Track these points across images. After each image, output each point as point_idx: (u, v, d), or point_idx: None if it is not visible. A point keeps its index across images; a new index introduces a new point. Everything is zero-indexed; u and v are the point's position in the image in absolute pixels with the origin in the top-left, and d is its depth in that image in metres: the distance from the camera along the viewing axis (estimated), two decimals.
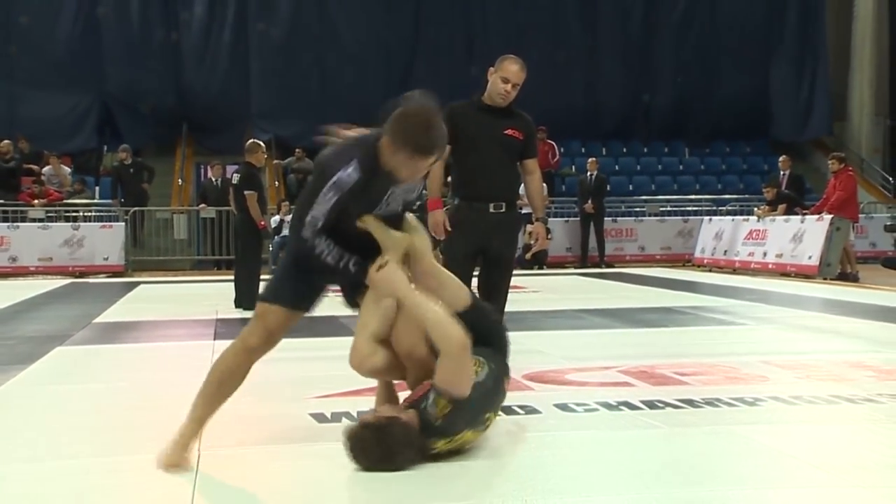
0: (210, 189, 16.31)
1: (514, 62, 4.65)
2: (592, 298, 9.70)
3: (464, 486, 2.93)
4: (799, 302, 9.24)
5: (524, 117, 4.78)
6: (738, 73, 20.51)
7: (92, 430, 3.78)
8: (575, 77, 20.17)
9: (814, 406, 4.09)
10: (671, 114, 20.56)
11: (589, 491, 2.86)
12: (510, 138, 4.64)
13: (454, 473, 3.05)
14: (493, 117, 4.63)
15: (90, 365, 5.62)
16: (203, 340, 6.56)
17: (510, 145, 4.65)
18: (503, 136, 4.62)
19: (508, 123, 4.65)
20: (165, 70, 18.87)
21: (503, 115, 4.65)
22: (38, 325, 7.73)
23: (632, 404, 4.10)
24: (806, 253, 12.59)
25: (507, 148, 4.65)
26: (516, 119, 4.70)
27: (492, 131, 4.62)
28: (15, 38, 18.39)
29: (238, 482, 3.00)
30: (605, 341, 6.43)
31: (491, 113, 4.64)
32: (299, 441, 3.53)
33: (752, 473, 3.03)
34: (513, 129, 4.65)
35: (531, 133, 4.76)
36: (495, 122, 4.62)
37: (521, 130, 4.68)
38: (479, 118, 4.64)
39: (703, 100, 20.53)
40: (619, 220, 16.76)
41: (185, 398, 4.35)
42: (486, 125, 4.62)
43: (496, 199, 4.63)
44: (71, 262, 14.71)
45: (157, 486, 2.94)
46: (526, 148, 4.72)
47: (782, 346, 6.06)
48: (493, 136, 4.61)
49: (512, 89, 4.61)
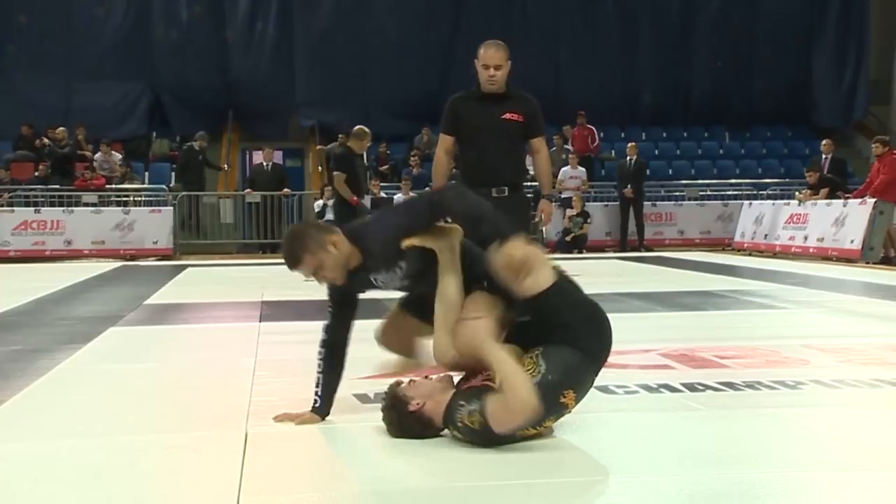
0: (260, 173, 16.48)
1: (489, 46, 4.64)
2: (632, 282, 9.63)
3: (501, 467, 2.93)
4: (841, 286, 9.09)
5: (523, 98, 4.74)
6: (778, 58, 20.17)
7: (144, 407, 3.84)
8: (614, 63, 19.98)
9: (856, 389, 4.02)
10: (711, 98, 20.29)
11: (628, 471, 2.85)
12: (509, 122, 4.63)
13: (491, 456, 3.05)
14: (491, 104, 4.63)
15: (142, 345, 5.71)
16: (249, 322, 6.63)
17: (510, 129, 4.64)
18: (501, 121, 4.62)
19: (506, 108, 4.63)
20: (212, 60, 19.06)
21: (500, 100, 4.64)
22: (92, 307, 7.88)
23: (672, 387, 4.07)
24: (848, 237, 12.37)
25: (507, 132, 4.64)
26: (514, 102, 4.67)
27: (490, 118, 4.62)
28: (72, 31, 18.68)
29: (284, 460, 3.03)
30: (645, 324, 6.38)
31: (488, 100, 4.64)
32: (343, 420, 3.55)
33: (794, 456, 2.99)
34: (511, 113, 4.63)
35: (533, 113, 4.71)
36: (493, 109, 4.62)
37: (520, 112, 4.65)
38: (478, 107, 4.66)
39: (743, 84, 20.22)
40: (659, 205, 16.61)
41: (232, 378, 4.43)
42: (483, 113, 4.63)
43: (498, 184, 4.64)
44: (122, 246, 14.96)
45: (207, 463, 2.98)
46: (529, 128, 4.69)
47: (824, 330, 5.97)
48: (491, 122, 4.62)
49: (496, 72, 4.57)
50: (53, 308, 7.80)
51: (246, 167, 19.41)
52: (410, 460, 3.00)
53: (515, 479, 2.80)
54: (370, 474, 2.90)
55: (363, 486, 2.77)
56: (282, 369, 4.65)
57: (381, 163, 18.13)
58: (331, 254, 3.17)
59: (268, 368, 4.64)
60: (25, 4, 18.79)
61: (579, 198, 15.76)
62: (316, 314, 7.25)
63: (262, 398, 3.94)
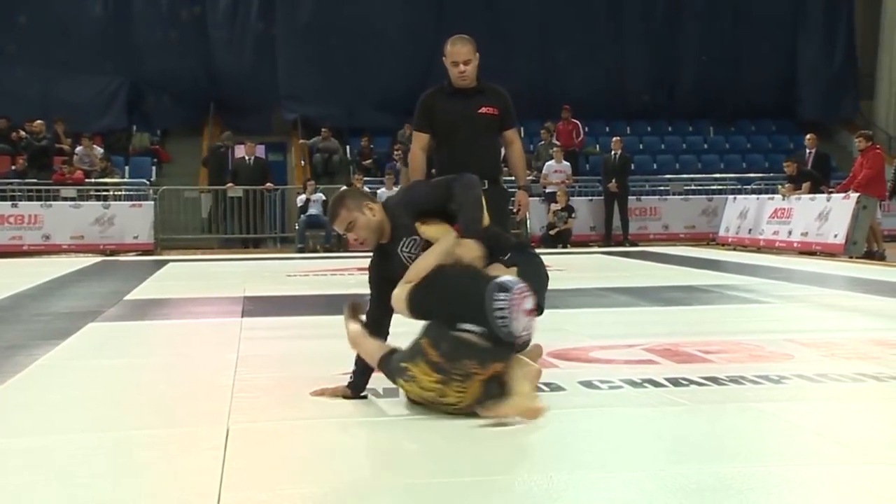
0: (242, 167, 16.40)
1: (454, 42, 4.66)
2: (616, 277, 9.66)
3: (488, 462, 2.94)
4: (824, 280, 9.15)
5: (497, 91, 4.78)
6: (764, 52, 20.26)
7: (124, 403, 3.82)
8: (599, 56, 20.02)
9: (839, 384, 4.05)
10: (696, 93, 20.37)
11: (613, 466, 2.86)
12: (485, 116, 4.66)
13: (477, 450, 3.05)
14: (465, 98, 4.67)
15: (122, 341, 5.68)
16: (231, 318, 6.60)
17: (487, 123, 4.68)
18: (478, 115, 4.65)
19: (481, 102, 4.67)
20: (194, 52, 18.95)
21: (475, 94, 4.67)
22: (71, 302, 7.83)
23: (656, 381, 4.08)
24: (832, 231, 12.46)
25: (483, 126, 4.68)
26: (489, 95, 4.71)
27: (466, 112, 4.66)
28: (50, 22, 18.51)
29: (265, 456, 3.02)
30: (630, 319, 6.41)
31: (462, 95, 4.68)
32: (326, 416, 3.54)
33: (777, 450, 3.01)
34: (486, 107, 4.67)
35: (506, 105, 4.76)
36: (468, 103, 4.66)
37: (496, 105, 4.70)
38: (452, 102, 4.70)
39: (729, 78, 20.30)
40: (644, 199, 16.68)
41: (213, 374, 4.41)
42: (459, 108, 4.67)
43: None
44: (102, 241, 14.87)
45: (188, 459, 2.97)
46: (503, 120, 4.74)
47: (807, 324, 6.01)
48: (467, 116, 4.66)
49: (466, 67, 4.60)
50: (31, 304, 7.74)
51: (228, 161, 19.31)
52: (392, 456, 2.99)
53: (494, 474, 2.80)
54: (351, 470, 2.90)
55: (345, 482, 2.77)
56: (264, 365, 4.64)
57: (365, 157, 18.10)
58: (364, 215, 3.65)
59: (250, 364, 4.63)
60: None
61: (564, 192, 15.78)
62: (299, 310, 7.26)
63: (244, 394, 3.93)
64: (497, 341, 3.30)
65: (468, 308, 3.33)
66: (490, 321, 3.29)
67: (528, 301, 3.37)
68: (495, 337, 3.30)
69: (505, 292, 3.31)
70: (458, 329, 3.32)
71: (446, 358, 3.29)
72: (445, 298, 3.40)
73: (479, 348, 3.29)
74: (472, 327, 3.30)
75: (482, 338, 3.30)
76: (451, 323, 3.34)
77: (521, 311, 3.33)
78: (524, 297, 3.35)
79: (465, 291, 3.37)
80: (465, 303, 3.34)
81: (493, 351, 3.30)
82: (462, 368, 3.28)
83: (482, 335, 3.30)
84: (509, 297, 3.30)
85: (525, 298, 3.35)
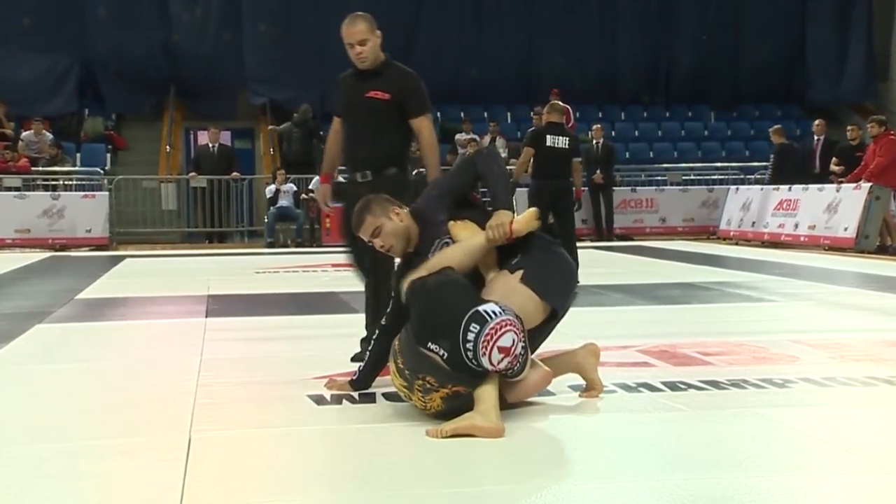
0: (205, 156, 16.31)
1: (348, 22, 4.63)
2: (610, 273, 9.70)
3: (470, 473, 2.95)
4: (833, 277, 9.23)
5: (395, 74, 4.70)
6: (769, 30, 20.32)
7: (76, 412, 3.80)
8: (590, 35, 20.02)
9: (848, 388, 4.09)
10: (695, 75, 20.39)
11: (605, 477, 2.87)
12: (372, 100, 4.62)
13: (456, 461, 3.06)
14: (359, 81, 4.68)
15: (73, 344, 5.65)
16: (195, 318, 6.59)
17: (373, 108, 4.63)
18: (364, 99, 4.63)
19: (372, 85, 4.64)
20: (152, 29, 18.79)
21: (369, 77, 4.66)
22: (15, 302, 7.77)
23: (652, 386, 4.11)
24: (841, 224, 12.55)
25: (369, 111, 4.64)
26: (383, 78, 4.66)
27: (355, 96, 4.67)
28: None
29: (229, 468, 3.02)
30: (624, 319, 6.44)
31: (359, 77, 4.69)
32: (296, 424, 3.54)
33: (781, 459, 3.03)
34: (375, 91, 4.62)
35: (405, 89, 4.66)
36: (359, 86, 4.67)
37: (387, 89, 4.62)
38: (349, 85, 4.73)
39: (730, 59, 20.37)
40: (639, 190, 16.73)
41: (175, 379, 4.40)
42: (352, 91, 4.70)
43: (361, 168, 4.70)
44: (51, 235, 14.75)
45: (147, 471, 2.96)
46: (403, 107, 4.65)
47: (814, 324, 6.06)
48: (356, 101, 4.66)
49: (362, 48, 4.58)
50: None
51: (190, 148, 19.23)
52: (366, 467, 3.00)
53: (480, 484, 2.81)
54: (317, 481, 2.90)
55: (309, 494, 2.77)
56: (230, 369, 4.63)
57: None
58: (391, 220, 3.78)
59: (214, 368, 4.62)
60: None
61: None
62: (267, 309, 7.26)
63: (208, 400, 3.92)
64: (461, 368, 3.35)
65: (442, 329, 3.37)
66: (461, 350, 3.34)
67: (507, 338, 3.35)
68: (460, 364, 3.34)
69: (479, 325, 3.33)
70: (425, 346, 3.39)
71: (408, 369, 3.44)
72: (428, 308, 3.43)
73: (439, 368, 3.37)
74: (437, 349, 3.37)
75: (444, 361, 3.36)
76: (419, 337, 3.41)
77: (494, 346, 3.34)
78: (503, 331, 3.34)
79: (447, 311, 3.39)
80: (441, 323, 3.38)
81: (454, 376, 3.36)
82: (423, 381, 3.40)
83: (445, 359, 3.36)
84: (482, 332, 3.32)
85: (504, 333, 3.34)
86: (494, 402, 3.34)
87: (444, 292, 3.43)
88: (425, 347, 3.38)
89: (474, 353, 3.32)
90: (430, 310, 3.42)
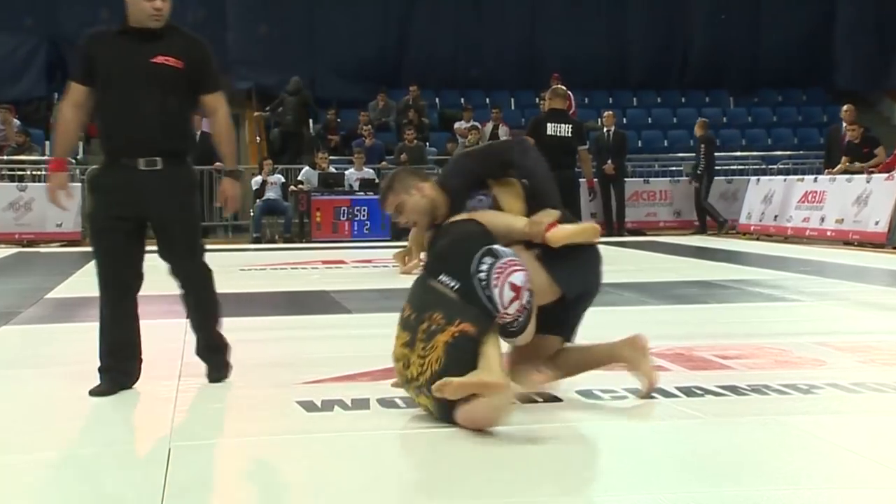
0: None
1: None
2: (621, 271, 9.69)
3: (471, 484, 2.95)
4: (863, 274, 9.23)
5: (187, 38, 4.26)
6: (793, 8, 20.28)
7: (49, 420, 3.81)
8: (597, 14, 19.99)
9: (879, 394, 4.09)
10: (712, 57, 20.34)
11: (619, 488, 2.88)
12: (160, 67, 4.14)
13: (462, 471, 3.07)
14: (138, 43, 4.16)
15: (44, 346, 5.66)
16: (174, 319, 6.57)
17: (162, 77, 4.14)
18: (150, 65, 4.13)
19: (159, 49, 4.15)
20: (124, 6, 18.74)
21: (152, 39, 4.16)
22: None
23: (666, 391, 4.12)
24: (872, 218, 12.56)
25: (157, 81, 4.14)
26: (172, 42, 4.19)
27: (134, 61, 4.15)
28: None
29: (212, 479, 3.03)
30: (636, 319, 6.43)
31: (136, 38, 4.17)
32: (283, 433, 3.55)
33: (806, 470, 3.04)
34: (165, 56, 4.14)
35: (199, 58, 4.24)
36: (140, 49, 4.14)
37: (180, 57, 4.17)
38: (119, 46, 4.18)
39: (751, 40, 20.34)
40: (652, 182, 16.73)
41: (154, 384, 4.40)
42: (126, 54, 4.16)
43: (147, 153, 4.17)
44: (17, 229, 14.73)
45: (126, 483, 2.97)
46: (197, 80, 4.23)
47: (842, 326, 6.07)
48: (135, 66, 4.14)
49: (164, 4, 4.13)
50: None
51: None
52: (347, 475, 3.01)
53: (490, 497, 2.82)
54: (300, 491, 2.91)
55: None
56: None
57: (330, 132, 18.03)
58: (412, 196, 3.88)
59: (196, 372, 4.62)
60: None
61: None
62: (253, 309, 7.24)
63: (189, 407, 3.93)
64: (471, 301, 3.48)
65: (455, 263, 3.58)
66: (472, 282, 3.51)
67: (518, 276, 3.50)
68: (471, 296, 3.49)
69: (493, 258, 3.52)
70: (436, 278, 3.59)
71: (414, 308, 3.60)
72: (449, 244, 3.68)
73: (447, 300, 3.53)
74: (449, 280, 3.55)
75: (455, 292, 3.52)
76: (433, 270, 3.64)
77: (507, 282, 3.48)
78: (513, 269, 3.51)
79: (464, 248, 3.60)
80: (455, 258, 3.60)
81: (462, 308, 3.48)
82: (428, 321, 3.51)
83: (455, 290, 3.52)
84: (494, 263, 3.51)
85: (514, 271, 3.51)
86: (499, 361, 3.47)
87: (468, 233, 3.66)
88: (437, 280, 3.57)
89: (487, 283, 3.48)
90: (450, 245, 3.65)
